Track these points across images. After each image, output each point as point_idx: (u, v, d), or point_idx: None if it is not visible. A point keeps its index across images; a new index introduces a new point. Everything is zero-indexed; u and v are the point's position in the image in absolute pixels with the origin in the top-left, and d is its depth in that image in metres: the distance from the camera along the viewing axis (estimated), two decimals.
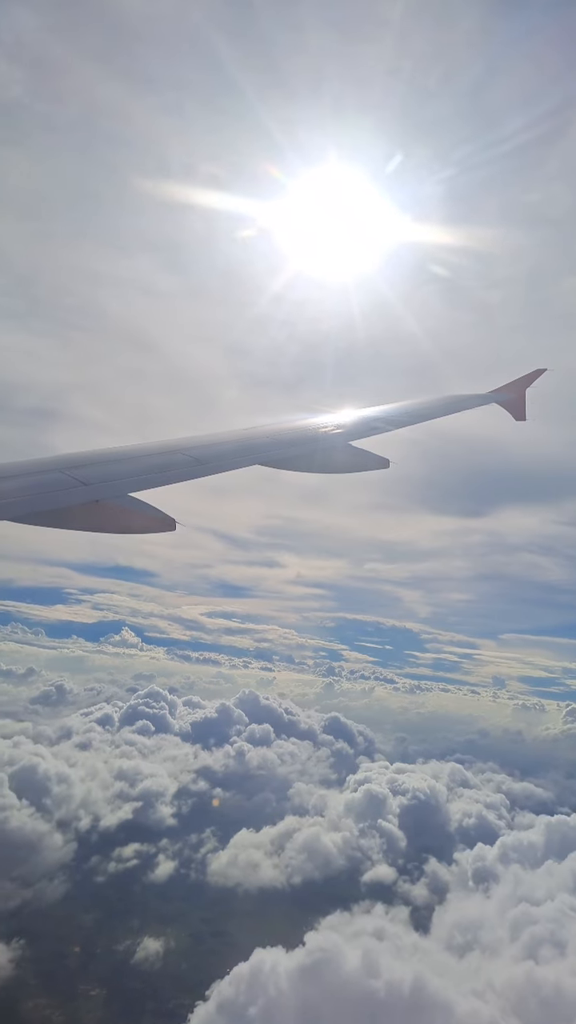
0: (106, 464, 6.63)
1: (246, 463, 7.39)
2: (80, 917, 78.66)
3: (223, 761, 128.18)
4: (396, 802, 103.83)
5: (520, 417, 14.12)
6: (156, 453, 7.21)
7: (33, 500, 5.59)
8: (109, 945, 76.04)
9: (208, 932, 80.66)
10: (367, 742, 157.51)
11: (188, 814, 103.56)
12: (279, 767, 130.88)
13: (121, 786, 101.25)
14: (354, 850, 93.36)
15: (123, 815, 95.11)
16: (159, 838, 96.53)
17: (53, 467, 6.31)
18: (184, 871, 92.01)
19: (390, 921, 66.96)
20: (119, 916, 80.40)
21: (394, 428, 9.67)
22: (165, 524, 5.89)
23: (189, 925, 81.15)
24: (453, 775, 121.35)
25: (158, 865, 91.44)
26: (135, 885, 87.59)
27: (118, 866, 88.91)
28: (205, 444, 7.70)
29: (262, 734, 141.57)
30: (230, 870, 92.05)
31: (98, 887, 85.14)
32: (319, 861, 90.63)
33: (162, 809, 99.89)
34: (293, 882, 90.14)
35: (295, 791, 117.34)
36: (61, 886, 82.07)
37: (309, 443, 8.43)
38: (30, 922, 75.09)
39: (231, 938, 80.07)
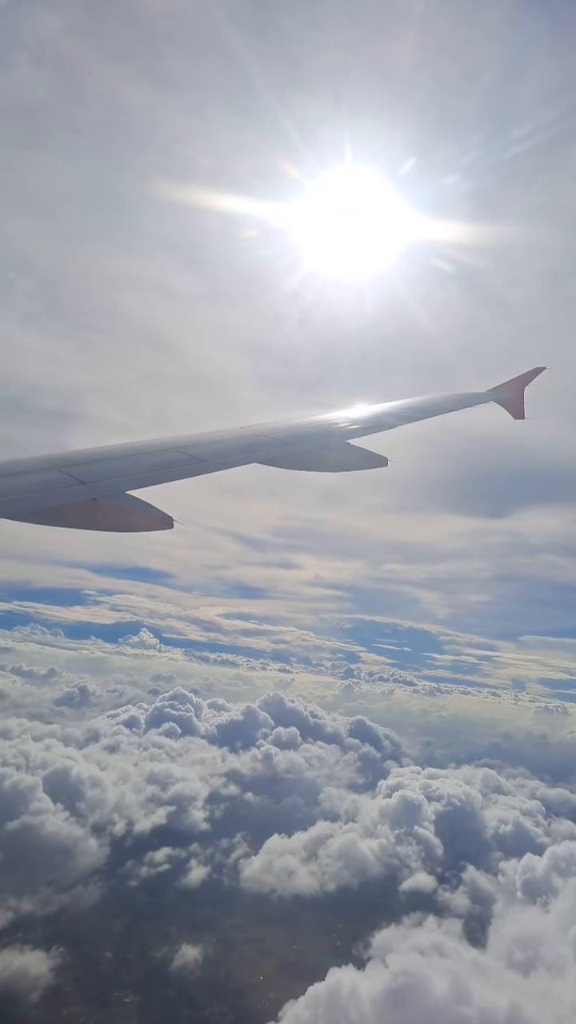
0: (104, 462, 6.61)
1: (244, 461, 7.35)
2: (113, 923, 77.78)
3: (250, 764, 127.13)
4: (431, 808, 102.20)
5: (519, 416, 13.94)
6: (154, 451, 7.19)
7: (31, 498, 5.56)
8: (143, 951, 75.05)
9: (242, 939, 79.52)
10: (393, 746, 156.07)
11: (219, 818, 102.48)
12: (307, 771, 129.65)
13: (153, 790, 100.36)
14: (391, 857, 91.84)
15: (157, 819, 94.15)
16: (192, 843, 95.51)
17: (51, 465, 6.26)
18: (217, 876, 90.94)
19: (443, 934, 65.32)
20: (152, 922, 79.47)
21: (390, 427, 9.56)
22: (163, 523, 5.84)
23: (223, 932, 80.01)
24: (486, 780, 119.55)
25: (191, 870, 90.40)
26: (168, 890, 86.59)
27: (151, 871, 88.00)
28: (203, 442, 7.67)
29: (288, 737, 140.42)
30: (264, 876, 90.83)
31: (131, 892, 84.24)
32: (355, 868, 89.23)
33: (195, 813, 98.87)
34: (329, 889, 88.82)
35: (325, 796, 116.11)
36: (96, 891, 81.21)
37: (307, 441, 8.36)
38: (66, 928, 74.29)
39: (264, 945, 79.01)
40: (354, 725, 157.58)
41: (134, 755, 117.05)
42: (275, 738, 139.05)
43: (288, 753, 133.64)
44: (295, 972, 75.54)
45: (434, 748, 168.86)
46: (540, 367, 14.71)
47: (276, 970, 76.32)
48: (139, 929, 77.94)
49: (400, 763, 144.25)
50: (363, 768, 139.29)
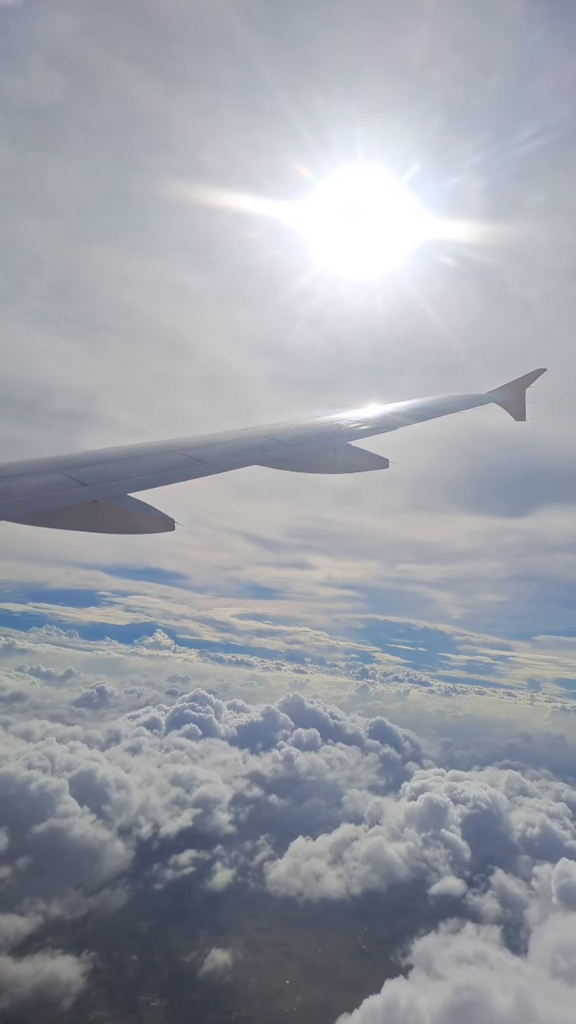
0: (104, 464, 6.60)
1: (246, 463, 7.34)
2: (139, 926, 77.37)
3: (271, 766, 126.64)
4: (457, 811, 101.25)
5: (520, 417, 13.91)
6: (155, 453, 7.20)
7: (31, 500, 5.55)
8: (168, 954, 74.57)
9: (267, 942, 78.90)
10: (413, 747, 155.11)
11: (243, 821, 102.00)
12: (328, 773, 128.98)
13: (178, 792, 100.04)
14: (418, 861, 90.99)
15: (183, 822, 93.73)
16: (217, 845, 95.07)
17: (51, 467, 6.25)
18: (242, 879, 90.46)
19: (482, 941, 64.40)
20: (178, 925, 79.03)
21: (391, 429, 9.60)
22: (164, 524, 5.83)
23: (248, 935, 79.48)
24: (511, 783, 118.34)
25: (216, 873, 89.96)
26: (194, 893, 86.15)
27: (177, 874, 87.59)
28: (204, 444, 7.68)
29: (309, 739, 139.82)
30: (290, 879, 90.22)
31: (157, 895, 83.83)
32: (383, 872, 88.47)
33: (220, 816, 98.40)
34: (356, 892, 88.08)
35: (348, 798, 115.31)
36: (122, 894, 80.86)
37: (309, 443, 8.38)
38: (93, 932, 73.99)
39: (290, 948, 78.39)
40: (374, 726, 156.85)
41: (156, 757, 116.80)
42: (295, 739, 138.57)
43: (309, 755, 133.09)
44: (321, 976, 75.11)
45: (454, 749, 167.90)
46: (541, 369, 14.62)
47: (302, 974, 75.74)
48: (164, 932, 77.50)
49: (421, 765, 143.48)
50: (384, 770, 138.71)
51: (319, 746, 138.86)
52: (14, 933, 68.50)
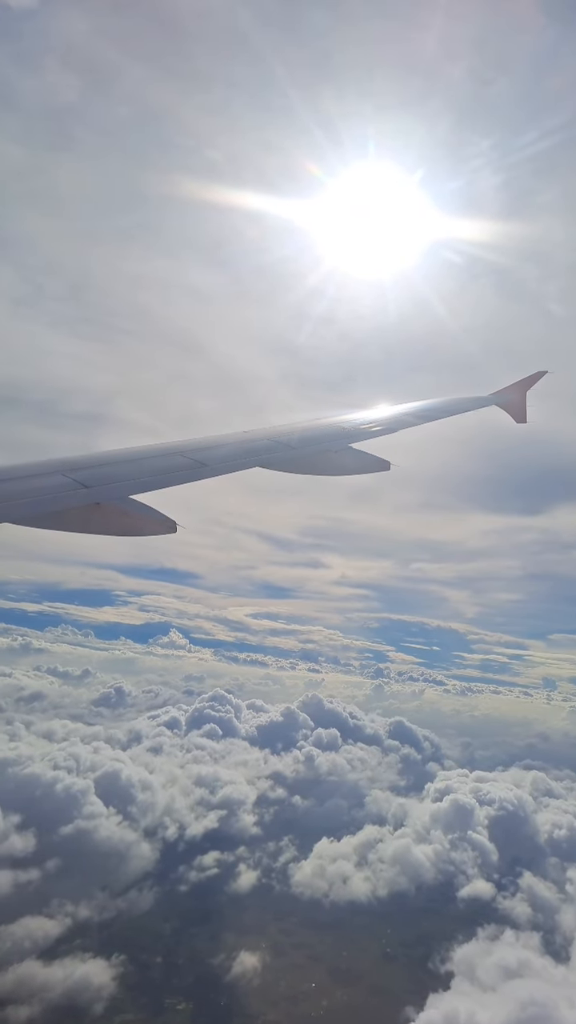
0: (107, 466, 6.61)
1: (247, 465, 7.36)
2: (163, 928, 76.94)
3: (292, 766, 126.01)
4: (483, 813, 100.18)
5: (521, 420, 13.94)
6: (157, 455, 7.22)
7: (34, 502, 5.59)
8: (193, 957, 74.06)
9: (290, 944, 78.24)
10: (433, 747, 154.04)
11: (267, 822, 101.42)
12: (349, 773, 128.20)
13: (202, 793, 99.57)
14: (446, 863, 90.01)
15: (208, 824, 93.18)
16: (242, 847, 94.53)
17: (54, 469, 6.27)
18: (267, 881, 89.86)
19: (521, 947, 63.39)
20: (203, 927, 78.55)
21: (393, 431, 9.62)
22: (166, 526, 5.86)
23: (272, 937, 78.85)
24: (536, 783, 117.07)
25: (240, 874, 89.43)
26: (219, 895, 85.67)
27: (202, 875, 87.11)
28: (206, 446, 7.68)
29: (329, 739, 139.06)
30: (315, 881, 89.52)
31: (183, 897, 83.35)
32: (411, 874, 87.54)
33: (245, 817, 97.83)
34: (382, 895, 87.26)
35: (372, 799, 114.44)
36: (148, 896, 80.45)
37: (310, 445, 8.39)
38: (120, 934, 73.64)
39: (314, 951, 77.68)
40: (393, 726, 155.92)
41: (178, 757, 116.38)
42: (315, 739, 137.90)
43: (330, 755, 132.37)
44: (347, 979, 74.41)
45: (474, 750, 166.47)
46: (542, 371, 14.66)
47: (328, 977, 75.08)
48: (189, 934, 77.04)
49: (442, 765, 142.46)
50: (404, 770, 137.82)
51: (339, 746, 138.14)
52: (43, 936, 68.15)
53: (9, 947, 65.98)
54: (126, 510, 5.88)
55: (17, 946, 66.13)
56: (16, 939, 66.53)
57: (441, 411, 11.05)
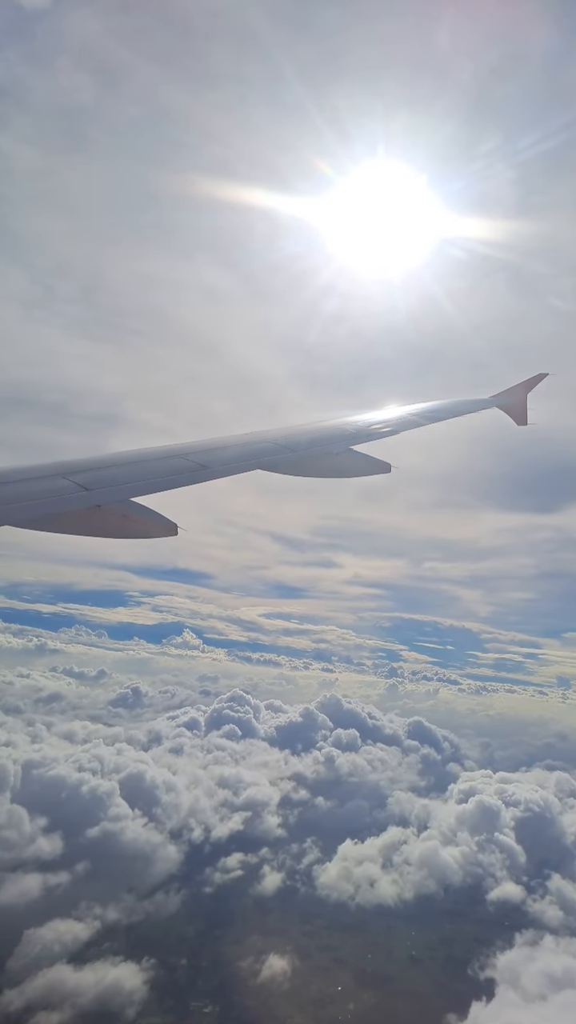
0: (108, 469, 6.61)
1: (248, 468, 7.38)
2: (189, 930, 76.38)
3: (313, 767, 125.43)
4: (509, 814, 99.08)
5: (521, 422, 13.96)
6: (158, 458, 7.21)
7: (35, 505, 5.62)
8: (219, 959, 73.50)
9: (315, 947, 77.53)
10: (453, 748, 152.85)
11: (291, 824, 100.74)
12: (370, 774, 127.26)
13: (225, 794, 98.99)
14: (474, 866, 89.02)
15: (233, 825, 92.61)
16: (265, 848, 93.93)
17: (55, 472, 6.28)
18: (292, 883, 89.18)
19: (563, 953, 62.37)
20: (228, 930, 78.01)
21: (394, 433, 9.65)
22: (167, 529, 5.88)
23: (298, 940, 78.19)
24: (560, 784, 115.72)
25: (265, 876, 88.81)
26: (244, 898, 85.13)
27: (227, 878, 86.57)
28: (207, 448, 7.70)
29: (348, 739, 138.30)
30: (341, 883, 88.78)
31: (208, 899, 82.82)
32: (439, 877, 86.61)
33: (269, 819, 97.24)
34: (410, 898, 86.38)
35: (394, 800, 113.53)
36: (174, 899, 79.96)
37: (311, 447, 8.40)
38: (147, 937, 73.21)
39: (339, 953, 76.97)
40: (412, 726, 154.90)
41: (199, 758, 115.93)
42: (335, 740, 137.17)
43: (350, 755, 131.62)
44: (373, 982, 73.70)
45: (493, 750, 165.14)
46: (543, 373, 14.66)
47: (353, 980, 74.40)
48: (214, 937, 76.52)
49: (463, 765, 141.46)
50: (424, 771, 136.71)
51: (359, 747, 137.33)
52: (72, 940, 67.73)
53: (39, 951, 65.54)
54: (127, 513, 5.88)
55: (47, 950, 65.69)
56: (46, 942, 66.09)
57: (442, 413, 11.12)
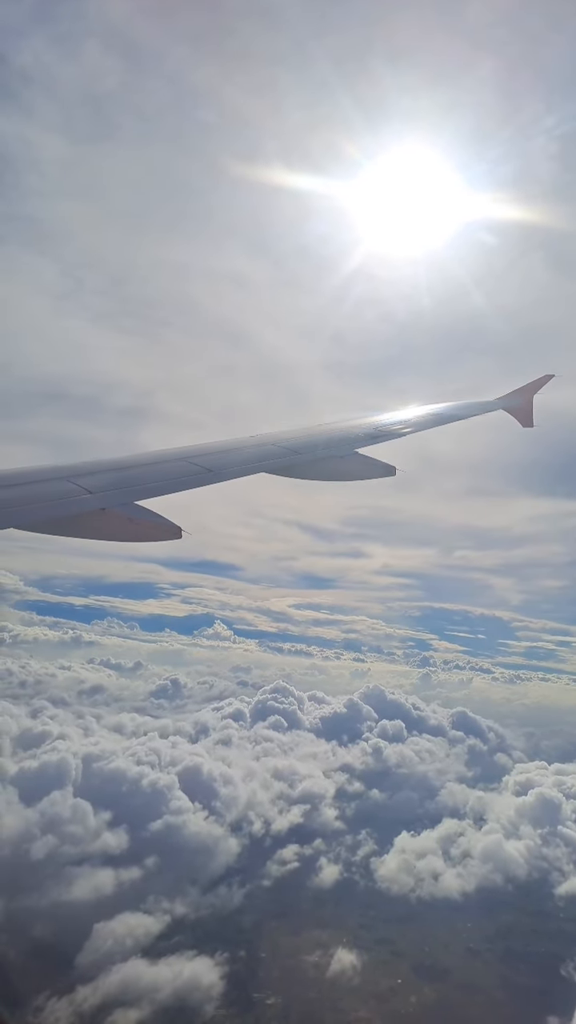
0: (112, 472, 6.67)
1: (252, 471, 7.40)
2: (249, 923, 75.91)
3: (361, 758, 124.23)
4: (569, 806, 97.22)
5: (527, 424, 13.99)
6: (162, 461, 7.24)
7: (40, 508, 5.67)
8: (278, 951, 72.95)
9: (372, 939, 76.59)
10: (498, 738, 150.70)
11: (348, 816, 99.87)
12: (419, 765, 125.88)
13: (281, 787, 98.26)
14: (538, 859, 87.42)
15: (292, 818, 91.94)
16: (322, 840, 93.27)
17: (59, 475, 6.36)
18: (350, 875, 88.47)
19: None
20: (287, 922, 77.54)
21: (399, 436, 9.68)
22: (171, 532, 5.89)
23: (356, 932, 77.41)
24: None
25: (322, 869, 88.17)
26: (303, 890, 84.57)
27: (285, 870, 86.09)
28: (212, 452, 7.73)
29: (394, 730, 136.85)
30: (401, 876, 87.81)
31: (268, 892, 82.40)
32: (504, 871, 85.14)
33: (326, 811, 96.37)
34: (473, 892, 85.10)
35: (447, 792, 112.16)
36: (236, 891, 79.56)
37: (316, 450, 8.39)
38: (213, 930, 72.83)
39: (395, 946, 76.01)
40: (456, 717, 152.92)
41: (247, 749, 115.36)
42: (380, 731, 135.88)
43: (397, 746, 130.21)
44: (432, 975, 72.73)
45: (538, 739, 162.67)
46: (549, 375, 14.67)
47: (412, 973, 73.49)
48: (272, 928, 76.01)
49: (511, 756, 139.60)
50: (471, 761, 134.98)
51: (405, 738, 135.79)
52: (143, 933, 67.43)
53: (110, 945, 65.25)
54: (131, 516, 5.84)
55: (118, 944, 65.41)
56: (117, 936, 65.81)
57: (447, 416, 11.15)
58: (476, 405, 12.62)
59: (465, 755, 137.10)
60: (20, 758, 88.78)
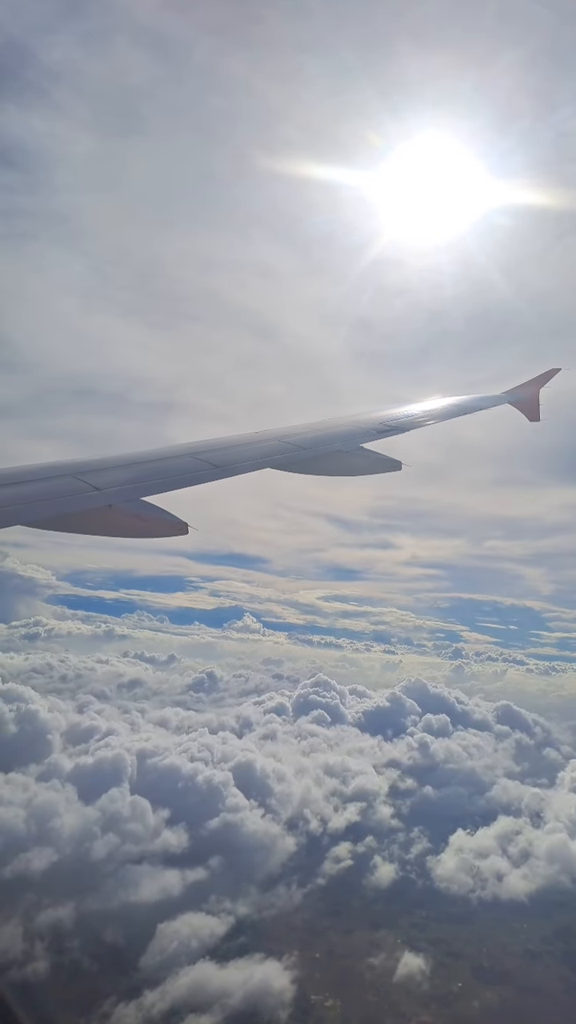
0: (118, 469, 6.68)
1: (258, 467, 7.41)
2: (306, 923, 74.19)
3: (407, 754, 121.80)
4: None
5: (534, 418, 13.85)
6: (169, 457, 7.25)
7: (46, 505, 5.66)
8: (334, 952, 71.09)
9: (427, 939, 74.51)
10: (544, 732, 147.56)
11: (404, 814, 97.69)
12: (467, 760, 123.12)
13: (333, 783, 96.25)
14: None
15: (349, 816, 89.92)
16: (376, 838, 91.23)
17: (66, 472, 6.37)
18: (407, 874, 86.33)
19: None
20: (343, 922, 75.66)
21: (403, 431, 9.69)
22: (177, 528, 5.90)
23: (411, 933, 75.47)
24: None
25: (377, 867, 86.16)
26: (359, 889, 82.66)
27: (341, 868, 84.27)
28: (217, 447, 7.73)
29: (440, 725, 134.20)
30: (460, 876, 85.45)
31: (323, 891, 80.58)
32: (571, 872, 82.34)
33: (382, 809, 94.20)
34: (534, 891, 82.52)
35: (501, 788, 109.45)
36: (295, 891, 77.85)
37: (322, 446, 8.41)
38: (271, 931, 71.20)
39: (451, 947, 73.79)
40: (501, 710, 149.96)
41: (293, 744, 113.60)
42: (425, 725, 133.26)
43: (443, 741, 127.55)
44: (492, 978, 70.51)
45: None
46: (556, 368, 14.51)
47: (472, 976, 71.30)
48: (326, 928, 74.21)
49: (559, 751, 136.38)
50: (518, 756, 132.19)
51: (450, 732, 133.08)
52: (209, 935, 65.82)
53: (175, 947, 63.68)
54: (138, 512, 5.83)
55: (184, 946, 63.85)
56: (181, 938, 64.23)
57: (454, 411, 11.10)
58: (482, 400, 12.49)
59: (512, 750, 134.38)
60: (71, 753, 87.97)
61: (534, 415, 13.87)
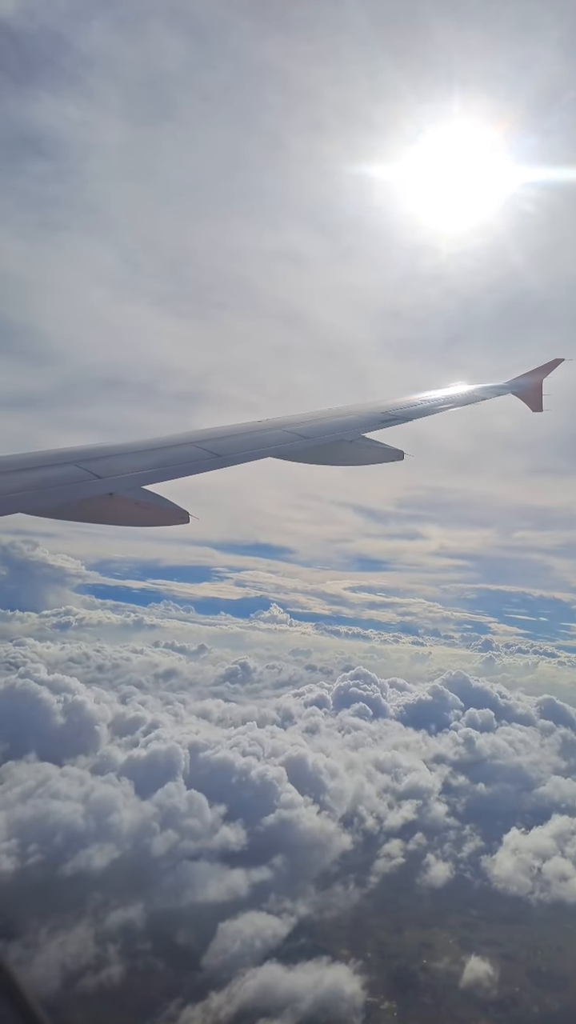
0: (120, 457, 6.68)
1: (259, 456, 7.41)
2: (356, 921, 71.97)
3: (453, 749, 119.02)
4: None
5: (537, 408, 13.89)
6: (170, 446, 7.25)
7: (47, 493, 5.67)
8: (386, 953, 68.86)
9: (479, 940, 72.17)
10: None
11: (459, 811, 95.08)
12: (514, 756, 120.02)
13: (385, 779, 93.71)
14: None
15: (405, 814, 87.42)
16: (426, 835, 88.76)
17: (67, 460, 6.34)
18: (462, 874, 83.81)
19: None
20: (396, 922, 73.44)
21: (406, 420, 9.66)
22: (178, 517, 5.90)
23: (463, 934, 73.02)
24: None
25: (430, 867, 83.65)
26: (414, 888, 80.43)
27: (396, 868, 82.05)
28: (219, 436, 7.74)
29: (484, 719, 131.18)
30: (518, 876, 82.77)
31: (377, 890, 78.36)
32: None
33: (436, 806, 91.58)
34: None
35: (552, 784, 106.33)
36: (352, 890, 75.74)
37: (324, 435, 8.36)
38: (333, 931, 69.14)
39: (504, 949, 71.30)
40: (544, 705, 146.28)
41: (336, 738, 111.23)
42: (468, 719, 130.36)
43: (488, 736, 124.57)
44: (550, 983, 67.93)
45: None
46: (559, 358, 14.46)
47: (529, 979, 68.77)
48: (378, 927, 71.97)
49: None
50: (563, 751, 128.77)
51: (495, 727, 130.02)
52: (272, 935, 63.79)
53: (238, 947, 61.71)
54: (139, 501, 5.78)
55: (247, 946, 61.88)
56: (244, 938, 62.25)
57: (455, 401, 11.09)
58: (485, 390, 12.40)
59: (558, 745, 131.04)
60: (119, 745, 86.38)
61: (537, 405, 13.88)
